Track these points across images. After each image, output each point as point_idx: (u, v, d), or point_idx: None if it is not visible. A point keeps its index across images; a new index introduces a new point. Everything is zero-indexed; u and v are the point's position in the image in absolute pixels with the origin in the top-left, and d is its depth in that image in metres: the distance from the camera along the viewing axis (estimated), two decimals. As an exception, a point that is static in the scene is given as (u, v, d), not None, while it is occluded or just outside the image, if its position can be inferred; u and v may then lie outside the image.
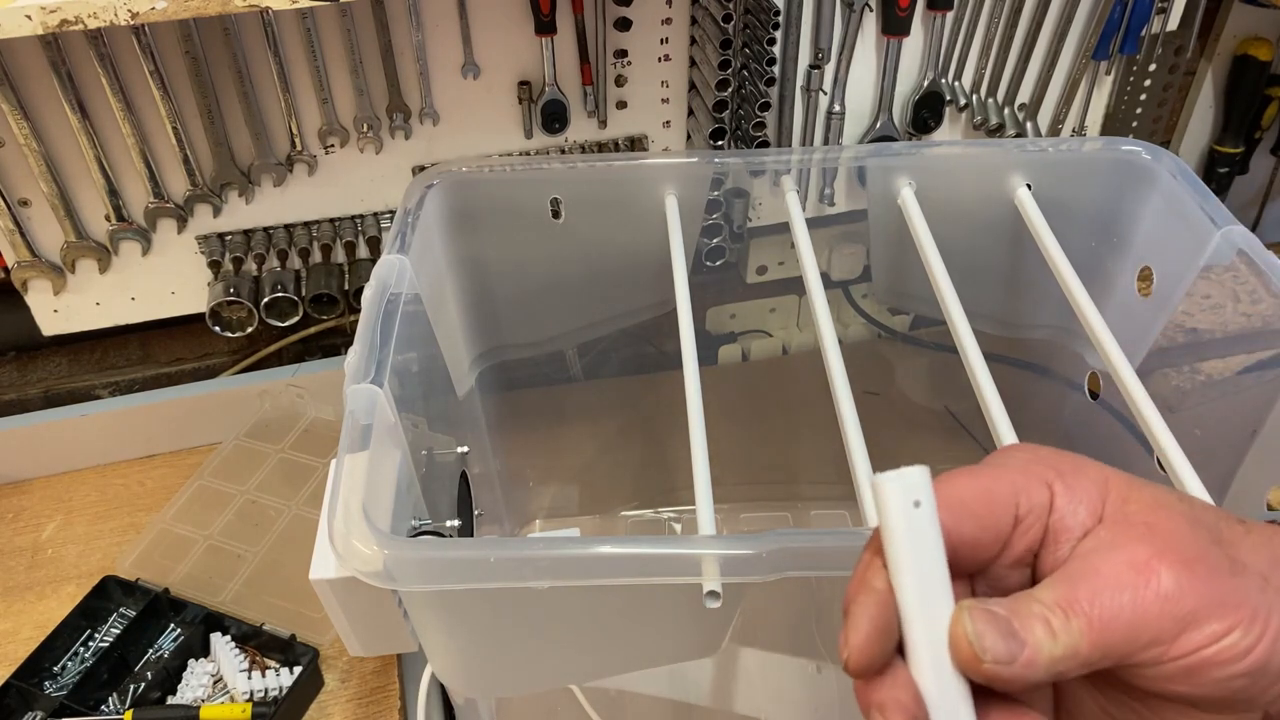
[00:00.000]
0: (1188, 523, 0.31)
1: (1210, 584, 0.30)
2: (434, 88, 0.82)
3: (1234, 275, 0.65)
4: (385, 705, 0.75)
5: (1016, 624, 0.30)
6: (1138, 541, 0.31)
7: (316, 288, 0.86)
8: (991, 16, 0.87)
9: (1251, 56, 1.06)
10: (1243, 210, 1.20)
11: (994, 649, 0.29)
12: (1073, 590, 0.30)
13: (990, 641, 0.29)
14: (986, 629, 0.29)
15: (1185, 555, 0.30)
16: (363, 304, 0.61)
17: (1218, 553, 0.31)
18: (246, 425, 0.92)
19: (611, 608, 0.53)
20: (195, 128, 0.78)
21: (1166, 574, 0.30)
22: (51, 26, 0.62)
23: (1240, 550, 0.31)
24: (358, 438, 0.52)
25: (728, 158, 0.79)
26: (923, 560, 0.30)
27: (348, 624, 0.55)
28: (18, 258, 0.80)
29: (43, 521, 0.89)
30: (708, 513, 0.53)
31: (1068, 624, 0.30)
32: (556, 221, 0.76)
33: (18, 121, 0.73)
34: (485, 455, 0.87)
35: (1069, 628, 0.30)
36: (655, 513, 1.00)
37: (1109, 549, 0.31)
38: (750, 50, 0.82)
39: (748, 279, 0.94)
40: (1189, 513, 0.32)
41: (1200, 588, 0.30)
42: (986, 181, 0.75)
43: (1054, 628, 0.30)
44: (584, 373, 0.92)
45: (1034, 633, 0.30)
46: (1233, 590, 0.30)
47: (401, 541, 0.47)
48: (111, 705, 0.74)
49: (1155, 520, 0.31)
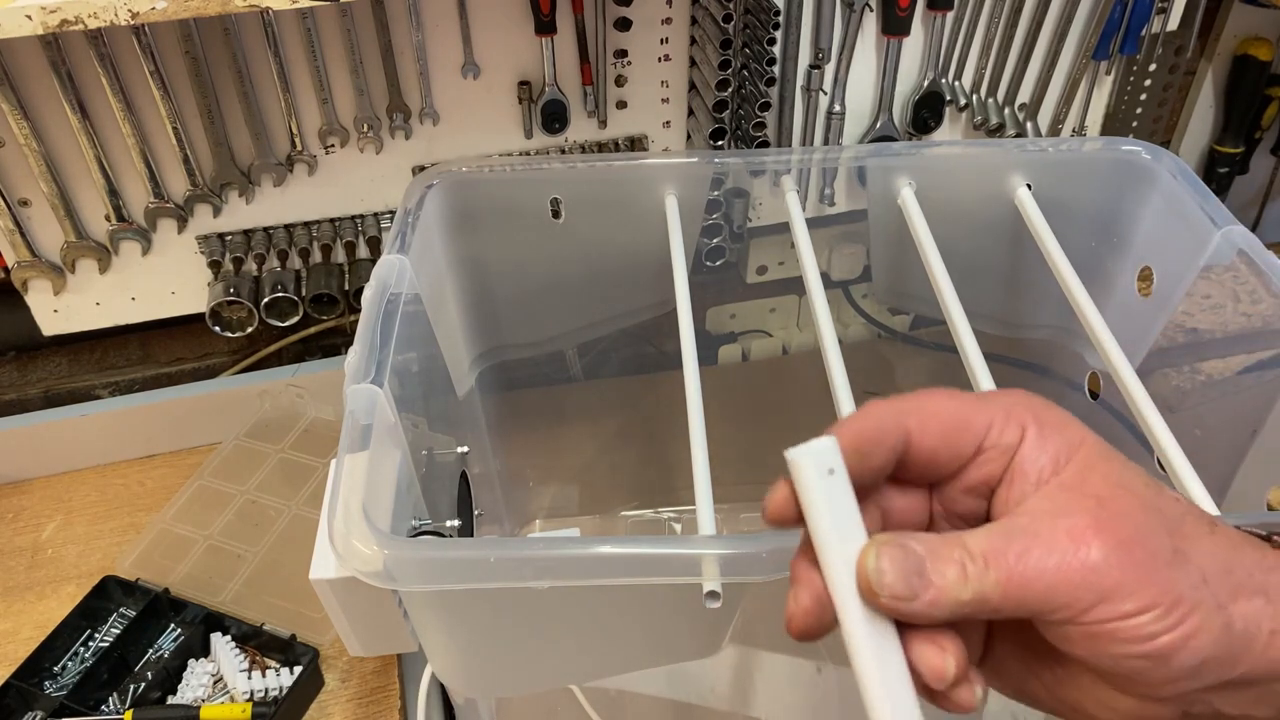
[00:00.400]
0: (1142, 507, 0.32)
1: (1140, 566, 0.30)
2: (434, 88, 0.82)
3: (1234, 275, 0.65)
4: (385, 705, 0.75)
5: (930, 564, 0.31)
6: (1082, 511, 0.31)
7: (316, 288, 0.86)
8: (992, 16, 0.87)
9: (1252, 56, 1.06)
10: (1243, 210, 1.20)
11: (892, 586, 0.30)
12: (1005, 543, 0.31)
13: (890, 579, 0.30)
14: (890, 566, 0.31)
15: (1124, 535, 0.31)
16: (363, 304, 0.61)
17: (1163, 542, 0.31)
18: (246, 425, 0.92)
19: (611, 608, 0.53)
20: (195, 128, 0.78)
21: (1098, 547, 0.30)
22: (51, 26, 0.62)
23: (1193, 547, 0.32)
24: (358, 438, 0.52)
25: (728, 158, 0.79)
26: (840, 521, 0.32)
27: (348, 624, 0.55)
28: (18, 258, 0.80)
29: (43, 521, 0.89)
30: (708, 513, 0.53)
31: (984, 573, 0.31)
32: (556, 221, 0.76)
33: (18, 121, 0.73)
34: (485, 455, 0.87)
35: (984, 577, 0.31)
36: (655, 513, 1.00)
37: (1052, 513, 0.32)
38: (750, 50, 0.82)
39: (748, 279, 0.93)
40: (1149, 499, 0.32)
41: (1128, 567, 0.30)
42: (986, 181, 0.75)
43: (968, 574, 0.31)
44: (584, 373, 0.92)
45: (945, 576, 0.31)
46: (1163, 578, 0.30)
47: (401, 541, 0.47)
48: (111, 705, 0.74)
49: (1109, 496, 0.32)
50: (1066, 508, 0.32)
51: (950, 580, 0.31)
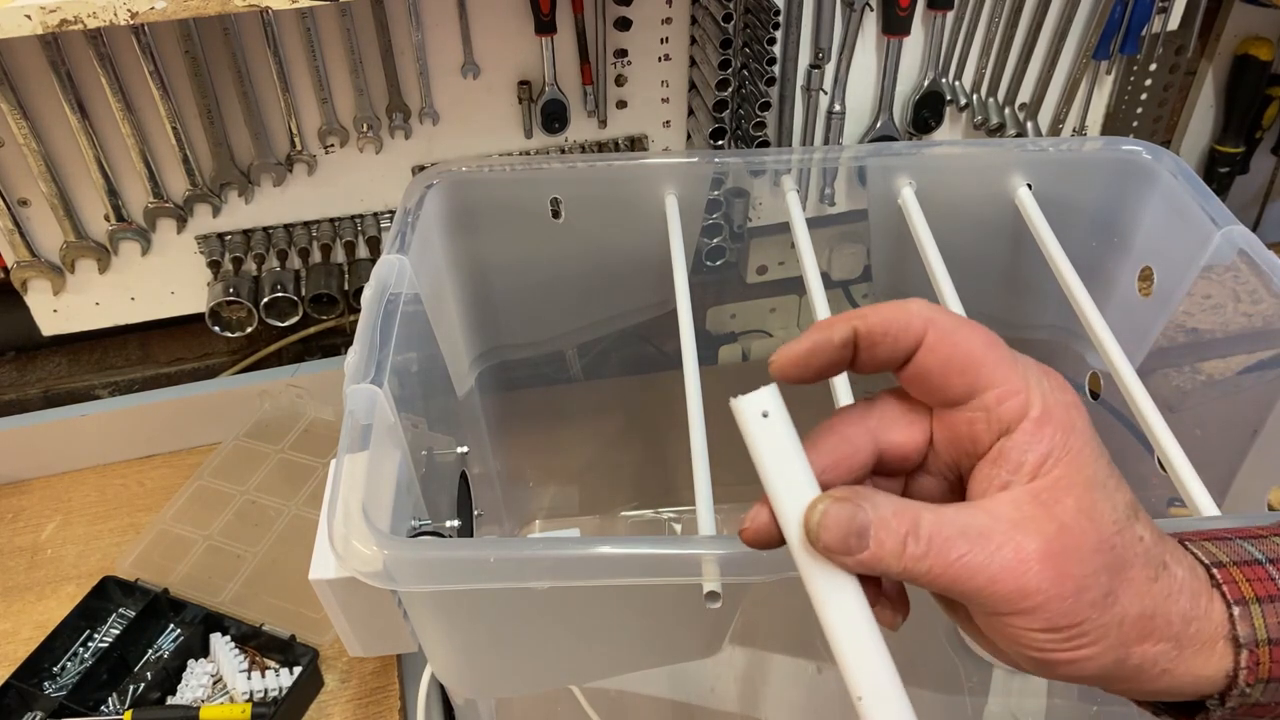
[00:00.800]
0: (1097, 546, 0.33)
1: (1065, 600, 0.33)
2: (434, 87, 0.81)
3: (1234, 275, 0.65)
4: (385, 706, 0.75)
5: (874, 530, 0.33)
6: (1038, 535, 0.33)
7: (316, 288, 0.86)
8: (992, 16, 0.87)
9: (1252, 56, 1.06)
10: (1243, 210, 1.20)
11: (828, 543, 0.33)
12: (953, 540, 0.33)
13: (828, 537, 0.33)
14: (834, 524, 0.33)
15: (1065, 570, 0.33)
16: (362, 304, 0.61)
17: (1100, 582, 0.33)
18: (246, 425, 0.92)
19: (611, 608, 0.53)
20: (195, 127, 0.78)
21: (1036, 575, 0.32)
22: (51, 26, 0.62)
23: (1127, 592, 0.34)
24: (357, 438, 0.52)
25: (728, 157, 0.79)
26: (780, 458, 0.34)
27: (347, 624, 0.54)
28: (17, 257, 0.80)
29: (42, 522, 0.89)
30: (708, 513, 0.53)
31: (920, 559, 0.33)
32: (556, 221, 0.76)
33: (17, 121, 0.73)
34: (485, 455, 0.87)
35: (919, 562, 0.33)
36: (655, 513, 1.00)
37: (1012, 525, 0.33)
38: (750, 50, 0.82)
39: (748, 279, 0.93)
40: (1108, 536, 0.34)
41: (1054, 599, 0.33)
42: (987, 181, 0.75)
43: (906, 552, 0.33)
44: (584, 373, 0.92)
45: (884, 545, 0.33)
46: (1081, 614, 0.33)
47: (401, 542, 0.47)
48: (111, 706, 0.74)
49: (1072, 525, 0.33)
50: (1027, 525, 0.33)
51: (887, 551, 0.33)
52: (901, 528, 0.33)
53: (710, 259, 0.88)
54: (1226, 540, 0.37)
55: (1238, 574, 0.35)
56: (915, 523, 0.33)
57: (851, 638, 0.33)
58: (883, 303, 0.35)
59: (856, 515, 0.33)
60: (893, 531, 0.33)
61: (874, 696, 0.33)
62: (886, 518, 0.33)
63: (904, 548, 0.33)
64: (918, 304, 0.35)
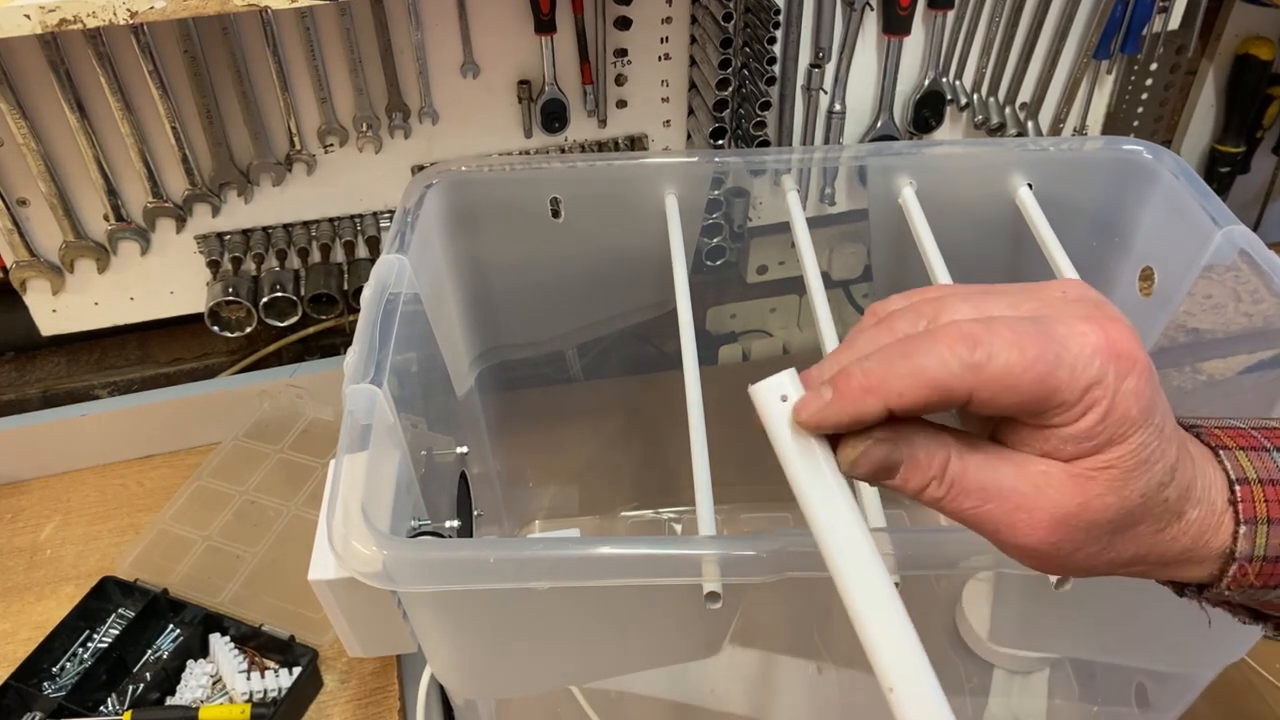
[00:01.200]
0: (1112, 520, 0.34)
1: (1063, 558, 0.35)
2: (433, 87, 0.81)
3: (1235, 275, 0.65)
4: (385, 706, 0.75)
5: (903, 469, 0.34)
6: (1057, 504, 0.34)
7: (315, 287, 0.85)
8: (992, 16, 0.87)
9: (1253, 56, 1.06)
10: (1244, 210, 1.20)
11: (860, 474, 0.34)
12: (973, 492, 0.34)
13: (860, 472, 0.34)
14: (867, 461, 0.34)
15: (1074, 535, 0.34)
16: (362, 304, 0.61)
17: (1100, 537, 0.35)
18: (245, 425, 0.92)
19: (611, 608, 0.53)
20: (194, 127, 0.78)
21: (1043, 538, 0.34)
22: (50, 26, 0.62)
23: (1125, 542, 0.35)
24: (357, 438, 0.52)
25: (728, 157, 0.79)
26: (801, 444, 0.34)
27: (347, 625, 0.54)
28: (16, 257, 0.80)
29: (41, 522, 0.89)
30: (708, 513, 0.53)
31: (937, 501, 0.34)
32: (556, 221, 0.76)
33: (16, 121, 0.73)
34: (485, 455, 0.87)
35: (936, 503, 0.34)
36: (655, 513, 1.00)
37: (1040, 489, 0.34)
38: (751, 49, 0.82)
39: (748, 279, 0.93)
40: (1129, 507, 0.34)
41: (1051, 555, 0.35)
42: (987, 181, 0.75)
43: (926, 494, 0.34)
44: (584, 373, 0.92)
45: (909, 483, 0.34)
46: (1075, 565, 0.35)
47: (401, 542, 0.47)
48: (110, 706, 0.74)
49: (1095, 501, 0.34)
50: (1050, 492, 0.34)
51: (911, 487, 0.34)
52: (929, 470, 0.34)
53: (710, 259, 0.88)
54: (1264, 451, 0.37)
55: (1259, 492, 0.36)
56: (942, 466, 0.34)
57: (883, 627, 0.33)
58: (907, 346, 0.33)
59: (892, 454, 0.34)
60: (920, 472, 0.34)
61: (906, 687, 0.33)
62: (917, 458, 0.34)
63: (926, 487, 0.34)
64: (954, 357, 0.32)
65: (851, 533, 0.34)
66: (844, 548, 0.34)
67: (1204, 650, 0.63)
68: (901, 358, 0.33)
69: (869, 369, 0.33)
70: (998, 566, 0.48)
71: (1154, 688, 0.73)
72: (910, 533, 0.52)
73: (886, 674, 0.33)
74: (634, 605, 0.53)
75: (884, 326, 0.35)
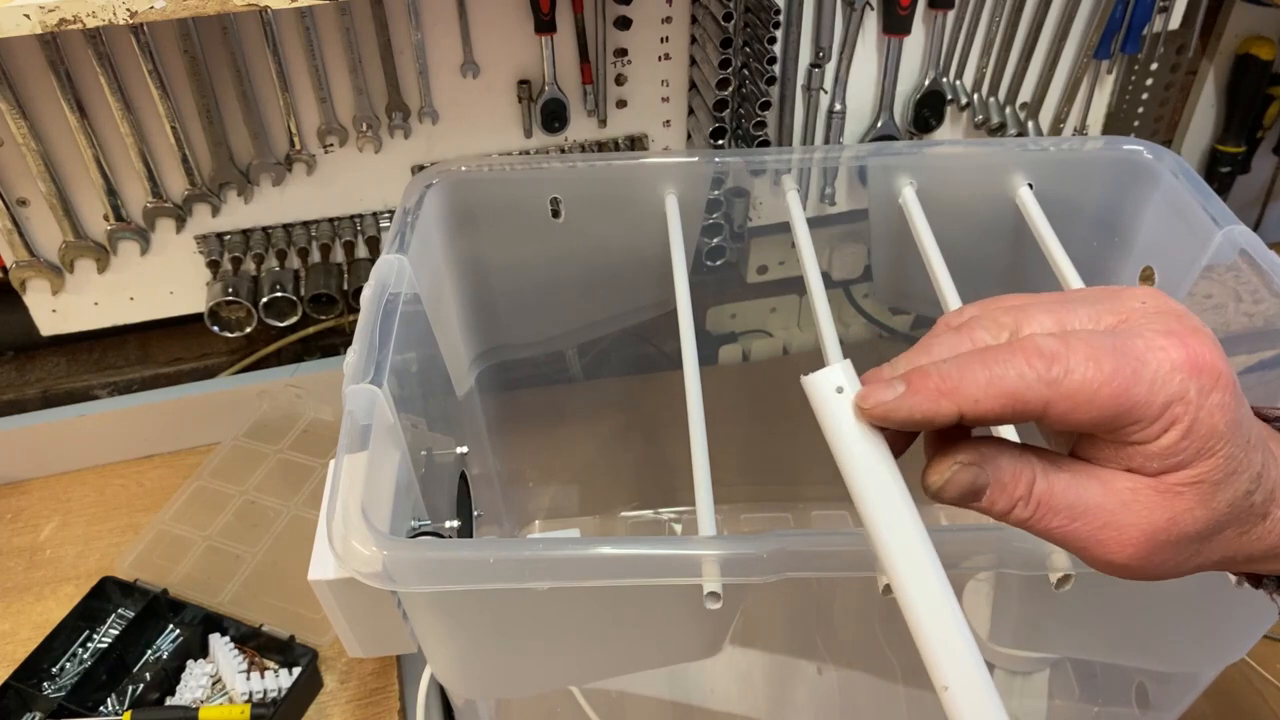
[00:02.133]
0: (1199, 532, 0.34)
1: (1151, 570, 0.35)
2: (433, 87, 0.81)
3: (1236, 275, 0.65)
4: (385, 706, 0.75)
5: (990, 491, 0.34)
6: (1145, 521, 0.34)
7: (315, 287, 0.85)
8: (993, 15, 0.87)
9: (1253, 56, 1.05)
10: (1244, 210, 1.20)
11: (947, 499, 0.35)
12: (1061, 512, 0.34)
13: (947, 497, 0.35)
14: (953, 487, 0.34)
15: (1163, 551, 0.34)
16: (362, 304, 0.61)
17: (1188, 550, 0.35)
18: (245, 426, 0.92)
19: (611, 609, 0.53)
20: (194, 127, 0.78)
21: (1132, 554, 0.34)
22: (50, 26, 0.62)
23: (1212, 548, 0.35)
24: (357, 438, 0.52)
25: (728, 157, 0.79)
26: (856, 437, 0.34)
27: (347, 625, 0.54)
28: (16, 257, 0.80)
29: (41, 522, 0.89)
30: (708, 513, 0.53)
31: (1024, 522, 0.34)
32: (556, 221, 0.76)
33: (16, 121, 0.73)
34: (485, 455, 0.87)
35: (1023, 523, 0.34)
36: (655, 513, 1.00)
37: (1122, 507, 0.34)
38: (751, 49, 0.82)
39: (748, 279, 0.93)
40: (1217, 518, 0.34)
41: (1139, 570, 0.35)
42: (988, 181, 0.75)
43: (1012, 515, 0.34)
44: (584, 373, 0.92)
45: (996, 505, 0.34)
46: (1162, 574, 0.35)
47: (400, 542, 0.47)
48: (110, 706, 0.74)
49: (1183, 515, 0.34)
50: (1138, 508, 0.34)
51: (998, 509, 0.34)
52: (1015, 491, 0.34)
53: (710, 259, 0.88)
54: None
55: None
56: (1029, 487, 0.34)
57: (938, 626, 0.33)
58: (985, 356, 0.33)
59: (979, 477, 0.34)
60: (1006, 494, 0.34)
61: (960, 685, 0.33)
62: (1003, 480, 0.34)
63: (1012, 508, 0.34)
64: (1031, 370, 0.32)
65: (909, 532, 0.34)
66: (902, 546, 0.34)
67: (1204, 650, 0.63)
68: (980, 366, 0.33)
69: (946, 371, 0.33)
70: (998, 566, 0.48)
71: (1154, 688, 0.73)
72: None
73: (942, 673, 0.33)
74: (634, 605, 0.53)
75: (962, 334, 0.35)
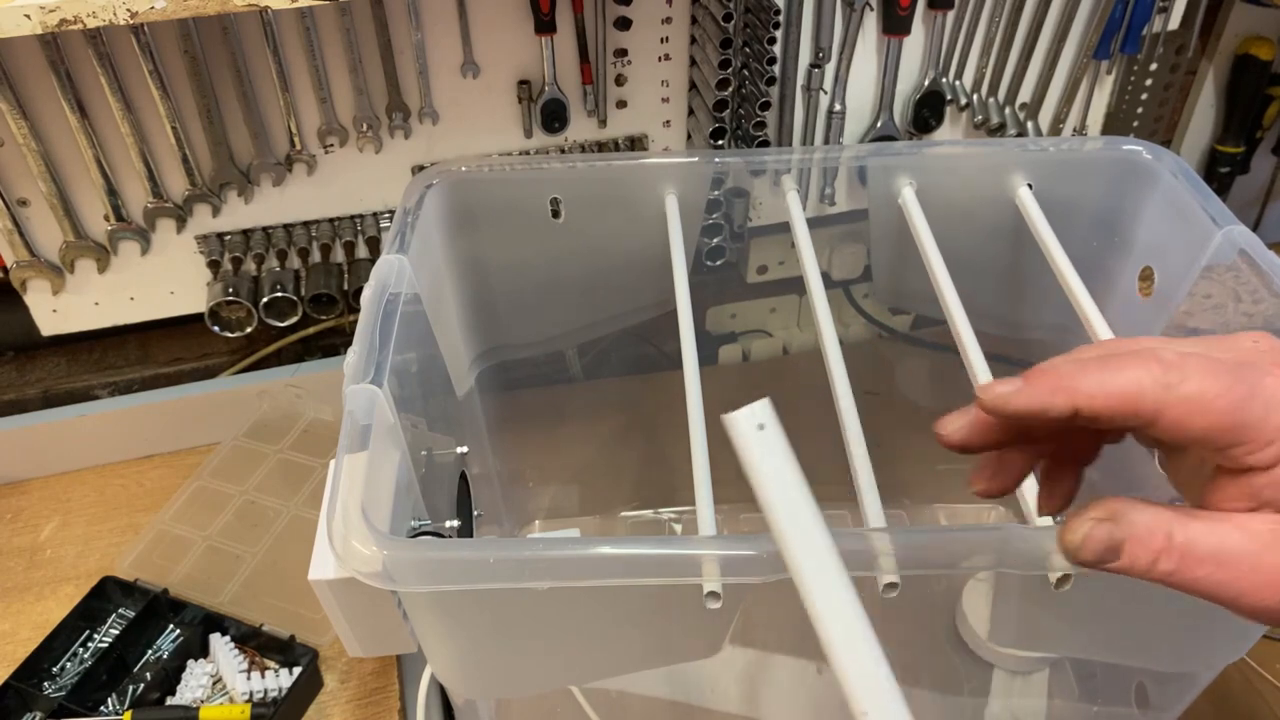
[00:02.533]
0: None
1: None
2: (433, 87, 0.81)
3: (1235, 275, 0.65)
4: (385, 706, 0.75)
5: (1128, 546, 0.34)
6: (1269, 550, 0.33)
7: (316, 288, 0.86)
8: (992, 16, 0.87)
9: (1253, 56, 1.06)
10: (1244, 210, 1.20)
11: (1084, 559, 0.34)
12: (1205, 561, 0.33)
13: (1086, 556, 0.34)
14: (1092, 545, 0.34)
15: None
16: (362, 304, 0.61)
17: None
18: (245, 426, 0.92)
19: (611, 609, 0.53)
20: (194, 127, 0.78)
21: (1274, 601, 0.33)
22: (50, 26, 0.62)
23: None
24: (357, 438, 0.52)
25: (728, 157, 0.79)
26: (778, 474, 0.34)
27: (347, 625, 0.54)
28: (16, 257, 0.80)
29: (41, 522, 0.89)
30: (708, 513, 0.53)
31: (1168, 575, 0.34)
32: (556, 221, 0.76)
33: (16, 121, 0.73)
34: (485, 455, 0.87)
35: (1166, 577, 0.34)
36: (655, 513, 1.00)
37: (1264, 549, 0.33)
38: (751, 49, 0.82)
39: (748, 279, 0.93)
40: None
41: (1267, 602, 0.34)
42: (987, 181, 0.75)
43: (1156, 569, 0.34)
44: (584, 373, 0.92)
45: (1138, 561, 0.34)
46: None
47: (401, 542, 0.47)
48: (110, 706, 0.74)
49: None
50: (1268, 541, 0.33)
51: (1140, 566, 0.34)
52: (1155, 544, 0.34)
53: (710, 259, 0.88)
54: None
55: None
56: (1168, 539, 0.34)
57: (854, 653, 0.33)
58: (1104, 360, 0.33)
59: (1114, 534, 0.34)
60: (1146, 548, 0.34)
61: (879, 713, 0.33)
62: (1142, 535, 0.34)
63: (1155, 563, 0.34)
64: (1148, 373, 0.33)
65: (826, 562, 0.34)
66: (818, 574, 0.34)
67: (1204, 650, 0.63)
68: (1098, 367, 0.33)
69: (1063, 370, 0.34)
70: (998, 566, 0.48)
71: (1154, 688, 0.73)
72: (910, 533, 0.51)
73: (858, 699, 0.33)
74: (634, 605, 0.53)
75: (1084, 349, 0.36)
